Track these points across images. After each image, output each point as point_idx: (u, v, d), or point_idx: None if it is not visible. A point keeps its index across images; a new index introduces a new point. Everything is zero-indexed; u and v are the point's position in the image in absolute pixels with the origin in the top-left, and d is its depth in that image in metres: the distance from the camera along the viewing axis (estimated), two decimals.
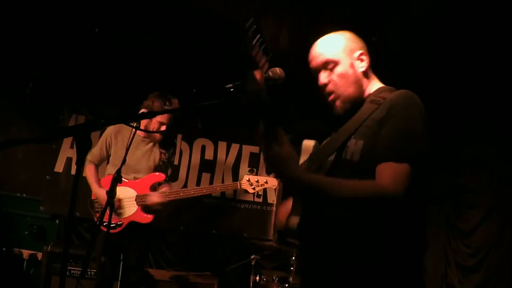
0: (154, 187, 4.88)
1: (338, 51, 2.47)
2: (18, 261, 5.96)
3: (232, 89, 2.24)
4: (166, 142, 5.10)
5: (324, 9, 4.99)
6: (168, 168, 5.06)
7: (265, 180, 4.89)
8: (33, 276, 5.92)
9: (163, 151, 5.02)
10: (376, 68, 2.55)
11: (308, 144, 2.59)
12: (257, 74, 2.13)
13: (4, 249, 5.92)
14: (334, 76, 2.46)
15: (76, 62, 6.31)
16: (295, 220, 2.36)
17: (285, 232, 2.41)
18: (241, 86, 2.23)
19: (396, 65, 2.74)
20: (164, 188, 4.99)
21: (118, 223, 4.76)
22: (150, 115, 4.57)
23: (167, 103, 4.82)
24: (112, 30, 5.92)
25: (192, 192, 4.93)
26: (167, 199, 4.82)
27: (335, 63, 2.46)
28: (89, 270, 5.31)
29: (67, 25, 5.89)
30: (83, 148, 2.06)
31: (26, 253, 6.01)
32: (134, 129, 4.09)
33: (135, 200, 4.80)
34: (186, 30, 5.84)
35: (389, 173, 2.10)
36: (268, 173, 2.17)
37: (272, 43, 5.25)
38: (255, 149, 6.87)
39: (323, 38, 2.55)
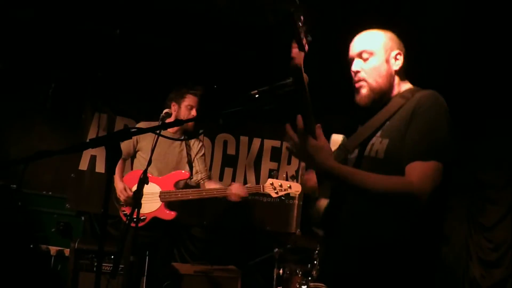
0: (178, 185, 4.90)
1: (377, 45, 2.51)
2: (45, 258, 6.04)
3: (257, 95, 2.25)
4: (193, 139, 5.15)
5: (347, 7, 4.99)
6: (198, 163, 5.08)
7: (288, 185, 4.83)
8: (61, 272, 6.00)
9: (189, 150, 5.04)
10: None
11: (337, 138, 2.63)
12: (300, 56, 2.14)
13: (32, 246, 5.99)
14: (367, 66, 2.50)
15: (97, 63, 6.35)
16: (322, 204, 2.46)
17: (313, 218, 2.49)
18: (266, 92, 2.25)
19: (419, 64, 2.74)
20: (212, 182, 5.11)
21: (142, 217, 4.78)
22: (177, 123, 4.65)
23: (191, 87, 4.92)
24: (132, 30, 5.95)
25: (215, 193, 4.91)
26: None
27: (371, 54, 2.49)
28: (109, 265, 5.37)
29: (87, 27, 5.93)
30: (114, 157, 2.09)
31: (53, 249, 6.09)
32: (156, 135, 4.10)
33: (159, 196, 4.83)
34: (205, 30, 5.85)
35: (417, 171, 2.14)
36: (301, 160, 2.19)
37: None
38: (277, 143, 6.87)
39: (365, 31, 2.59)
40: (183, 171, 4.94)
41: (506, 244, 6.02)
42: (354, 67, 2.52)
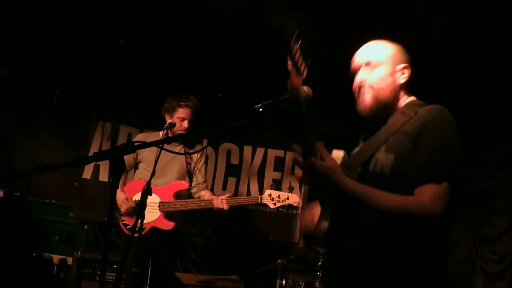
0: (178, 195, 4.91)
1: (384, 56, 2.47)
2: (48, 266, 6.05)
3: (261, 109, 2.25)
4: (193, 147, 5.15)
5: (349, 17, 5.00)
6: (196, 173, 5.09)
7: (286, 196, 4.83)
8: (63, 280, 6.00)
9: (189, 159, 5.06)
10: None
11: (338, 154, 2.55)
12: (298, 80, 2.10)
13: (34, 254, 6.00)
14: (372, 76, 2.45)
15: (101, 71, 6.38)
16: (324, 225, 2.41)
17: (315, 239, 2.44)
18: (270, 106, 2.24)
19: (421, 72, 2.71)
20: (208, 192, 5.06)
21: (142, 227, 4.78)
22: (180, 137, 4.67)
23: (183, 99, 4.88)
24: (137, 39, 5.97)
25: (239, 201, 4.91)
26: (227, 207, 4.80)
27: (377, 65, 2.46)
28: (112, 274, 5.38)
29: (93, 35, 5.94)
30: (117, 171, 2.09)
31: (56, 258, 6.10)
32: (159, 148, 4.12)
33: (158, 206, 4.83)
34: (210, 39, 5.87)
35: (429, 193, 2.11)
36: (315, 184, 2.16)
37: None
38: (280, 153, 6.88)
39: (372, 42, 2.56)
40: (183, 182, 4.94)
41: (510, 255, 6.01)
42: (359, 76, 2.49)
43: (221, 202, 4.73)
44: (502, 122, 6.14)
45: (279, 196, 4.82)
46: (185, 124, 4.87)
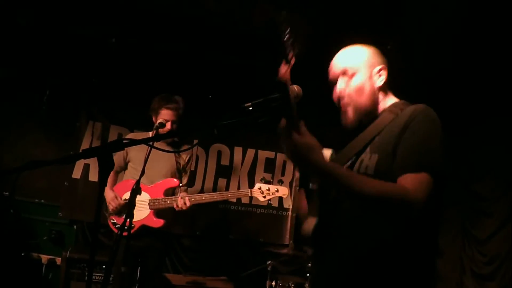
0: (168, 193, 4.91)
1: (359, 62, 2.46)
2: (37, 266, 6.02)
3: (251, 108, 2.25)
4: (181, 147, 5.15)
5: (340, 17, 5.01)
6: (182, 175, 5.09)
7: (276, 189, 4.85)
8: (52, 281, 5.97)
9: (178, 158, 5.06)
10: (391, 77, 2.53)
11: (326, 153, 2.49)
12: (284, 68, 2.09)
13: (23, 254, 5.98)
14: (350, 86, 2.44)
15: (92, 70, 6.37)
16: (310, 225, 2.42)
17: (301, 239, 2.45)
18: (259, 105, 2.24)
19: (409, 75, 2.73)
20: (183, 194, 5.02)
21: (131, 226, 4.77)
22: (170, 135, 4.67)
23: (167, 102, 4.89)
24: (128, 39, 5.97)
25: (203, 199, 4.89)
26: (188, 204, 4.81)
27: (354, 73, 2.45)
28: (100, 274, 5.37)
29: (83, 34, 5.95)
30: (106, 168, 2.09)
31: (44, 258, 6.08)
32: (150, 146, 4.11)
33: (148, 204, 4.83)
34: (200, 38, 5.88)
35: (409, 182, 2.11)
36: (292, 160, 2.15)
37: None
38: (271, 154, 6.88)
39: (346, 48, 2.54)
40: (174, 180, 4.94)
41: (500, 257, 6.03)
42: (338, 86, 2.48)
43: (182, 199, 4.76)
44: (492, 124, 6.17)
45: (268, 189, 4.84)
46: (168, 125, 4.86)
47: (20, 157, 6.19)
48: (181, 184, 5.05)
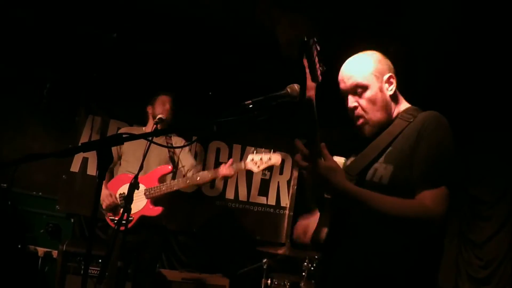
0: (162, 180, 4.91)
1: (368, 74, 2.46)
2: (33, 259, 6.02)
3: (251, 105, 2.25)
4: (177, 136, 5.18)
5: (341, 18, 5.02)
6: (175, 162, 5.09)
7: (268, 157, 4.73)
8: (48, 274, 5.98)
9: (171, 149, 5.06)
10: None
11: (338, 160, 2.55)
12: (313, 87, 2.13)
13: (19, 246, 5.97)
14: (363, 101, 2.46)
15: (92, 65, 6.37)
16: (323, 232, 2.43)
17: (313, 245, 2.46)
18: (260, 103, 2.24)
19: (411, 80, 2.74)
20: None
21: (129, 219, 4.76)
22: (169, 130, 4.69)
23: (165, 91, 5.02)
24: (129, 35, 5.98)
25: (198, 179, 4.81)
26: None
27: (365, 87, 2.45)
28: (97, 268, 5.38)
29: (84, 29, 5.95)
30: (105, 162, 2.09)
31: (41, 250, 6.08)
32: (148, 142, 4.11)
33: (144, 194, 4.82)
34: (199, 37, 5.89)
35: (430, 198, 2.14)
36: (317, 185, 2.17)
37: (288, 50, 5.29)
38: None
39: (352, 58, 2.54)
40: (168, 166, 4.95)
41: (496, 261, 6.04)
42: (350, 104, 2.49)
43: (227, 167, 4.74)
44: (492, 132, 6.19)
45: (261, 159, 4.73)
46: (167, 106, 4.92)
47: (19, 150, 6.20)
48: (175, 170, 5.07)
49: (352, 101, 2.48)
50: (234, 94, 5.60)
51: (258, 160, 4.73)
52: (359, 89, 2.45)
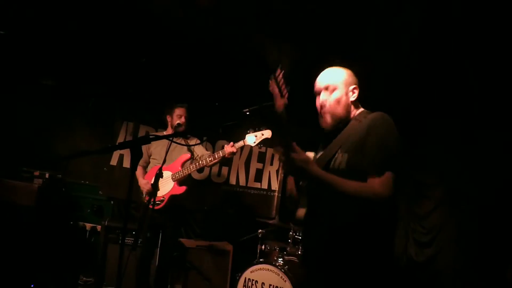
0: (184, 165, 4.93)
1: (339, 81, 2.52)
2: (82, 232, 6.00)
3: (248, 113, 2.25)
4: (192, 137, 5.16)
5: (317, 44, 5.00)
6: (193, 153, 5.08)
7: (261, 133, 4.71)
8: (94, 243, 5.95)
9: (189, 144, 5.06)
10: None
11: (310, 154, 2.64)
12: (281, 102, 2.16)
13: (72, 223, 5.96)
14: (331, 98, 2.50)
15: (127, 83, 6.38)
16: (302, 212, 2.51)
17: (294, 222, 2.56)
18: (255, 110, 2.24)
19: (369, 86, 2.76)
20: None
21: (161, 199, 4.79)
22: (186, 133, 4.76)
23: (180, 102, 5.00)
24: (155, 58, 5.99)
25: (209, 160, 4.85)
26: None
27: (334, 88, 2.50)
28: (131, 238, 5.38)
29: (121, 55, 5.98)
30: (136, 156, 2.09)
31: (88, 226, 6.05)
32: (169, 142, 4.15)
33: (171, 178, 4.85)
34: (211, 58, 5.89)
35: (378, 183, 2.20)
36: (294, 174, 2.26)
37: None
38: (263, 149, 6.80)
39: (329, 68, 2.59)
40: (187, 154, 4.98)
41: (436, 229, 6.05)
42: (321, 98, 2.53)
43: (230, 147, 4.77)
44: (432, 127, 6.18)
45: (256, 136, 4.72)
46: (182, 119, 4.94)
47: (71, 148, 6.19)
48: (193, 156, 5.07)
49: (323, 95, 2.53)
50: (235, 104, 5.58)
51: (254, 137, 4.75)
52: (329, 89, 2.51)
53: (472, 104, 5.46)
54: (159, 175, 3.73)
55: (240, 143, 4.82)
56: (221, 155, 4.80)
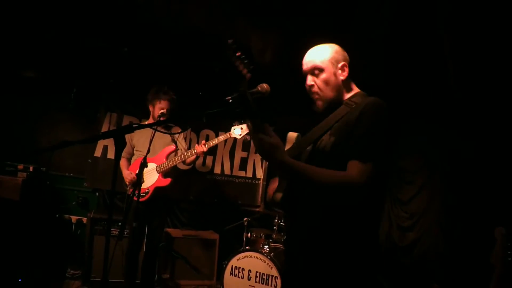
0: (169, 157, 4.90)
1: (325, 60, 2.41)
2: (68, 225, 6.00)
3: (230, 100, 2.25)
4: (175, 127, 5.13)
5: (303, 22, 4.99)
6: (176, 144, 5.06)
7: (247, 125, 4.60)
8: (80, 236, 5.96)
9: (173, 137, 5.05)
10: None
11: (292, 135, 2.58)
12: (244, 83, 2.12)
13: (57, 216, 5.94)
14: (319, 81, 2.41)
15: (109, 73, 6.34)
16: (279, 195, 2.41)
17: (271, 204, 2.45)
18: (236, 98, 2.24)
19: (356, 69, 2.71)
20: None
21: (146, 191, 4.78)
22: (169, 121, 4.68)
23: (162, 94, 4.89)
24: (136, 48, 5.95)
25: (195, 151, 4.80)
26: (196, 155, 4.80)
27: (321, 70, 2.41)
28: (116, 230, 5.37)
29: (102, 45, 5.93)
30: (120, 145, 2.09)
31: (74, 218, 6.05)
32: (153, 130, 4.12)
33: (156, 170, 4.82)
34: (191, 48, 5.88)
35: (356, 168, 2.11)
36: (261, 157, 2.19)
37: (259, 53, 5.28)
38: (247, 137, 6.86)
39: (315, 47, 2.49)
40: (172, 146, 4.94)
41: (417, 214, 6.15)
42: (308, 82, 2.45)
43: (201, 146, 4.75)
44: (415, 116, 6.27)
45: (242, 128, 4.75)
46: (165, 110, 4.88)
47: (53, 141, 6.14)
48: (178, 149, 5.04)
49: (310, 80, 2.45)
50: (218, 92, 5.58)
51: (240, 129, 4.75)
52: (316, 71, 2.42)
53: (452, 89, 5.52)
54: (143, 164, 3.73)
55: (226, 135, 4.82)
56: (194, 153, 4.77)
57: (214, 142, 4.85)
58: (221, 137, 4.85)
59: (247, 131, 4.69)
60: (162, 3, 5.06)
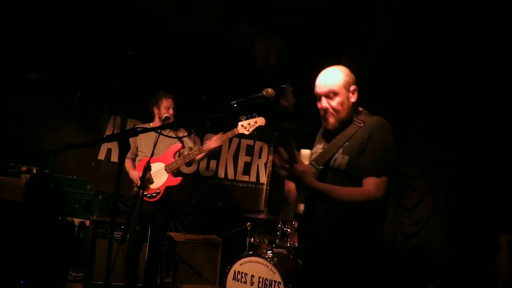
0: (176, 156, 4.88)
1: (339, 84, 2.62)
2: (71, 228, 6.00)
3: (235, 105, 2.27)
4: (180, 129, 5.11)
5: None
6: (183, 143, 5.01)
7: (255, 121, 4.54)
8: (82, 238, 5.95)
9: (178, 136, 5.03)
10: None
11: (305, 152, 2.74)
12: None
13: (60, 218, 5.95)
14: (334, 103, 2.62)
15: (113, 76, 6.35)
16: (302, 207, 2.68)
17: (294, 216, 2.72)
18: (242, 102, 2.26)
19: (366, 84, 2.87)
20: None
21: (157, 191, 4.74)
22: (173, 125, 4.69)
23: (165, 93, 4.93)
24: (141, 51, 5.97)
25: (204, 149, 4.76)
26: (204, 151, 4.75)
27: (336, 93, 2.61)
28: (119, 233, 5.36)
29: (107, 48, 5.95)
30: (124, 149, 2.09)
31: (76, 221, 6.05)
32: (157, 134, 4.11)
33: (165, 169, 4.78)
34: (197, 51, 5.88)
35: (373, 184, 2.40)
36: (293, 182, 2.41)
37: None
38: (251, 142, 6.85)
39: (328, 70, 2.68)
40: (178, 144, 4.89)
41: (422, 221, 6.13)
42: (323, 104, 2.63)
43: (214, 141, 4.72)
44: (418, 124, 6.26)
45: (249, 123, 4.55)
46: (171, 111, 4.88)
47: (57, 143, 6.14)
48: (184, 147, 4.99)
49: (325, 102, 2.64)
50: (222, 96, 5.59)
51: (247, 125, 4.59)
52: (331, 94, 2.62)
53: (457, 96, 5.51)
54: (147, 168, 3.72)
55: (234, 132, 4.63)
56: (203, 150, 4.74)
57: (223, 138, 4.76)
58: (229, 133, 4.71)
59: (254, 127, 4.59)
60: (167, 7, 5.07)
